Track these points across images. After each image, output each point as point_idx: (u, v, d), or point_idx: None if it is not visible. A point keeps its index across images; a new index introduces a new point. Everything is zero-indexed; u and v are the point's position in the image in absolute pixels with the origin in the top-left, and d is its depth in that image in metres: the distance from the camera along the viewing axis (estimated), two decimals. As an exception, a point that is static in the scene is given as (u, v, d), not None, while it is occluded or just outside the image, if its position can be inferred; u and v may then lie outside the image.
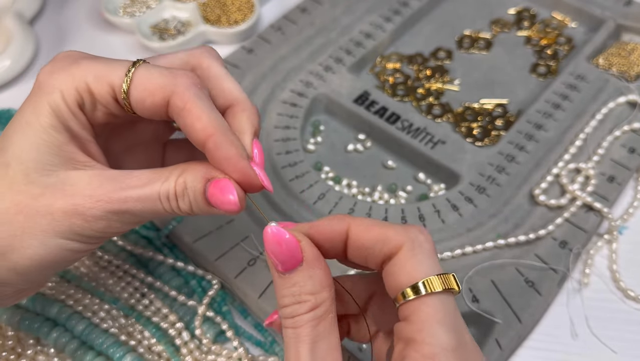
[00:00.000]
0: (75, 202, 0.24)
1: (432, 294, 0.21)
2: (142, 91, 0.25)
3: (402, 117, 0.43)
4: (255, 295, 0.34)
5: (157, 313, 0.34)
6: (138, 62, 0.25)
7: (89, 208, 0.24)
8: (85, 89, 0.25)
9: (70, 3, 0.55)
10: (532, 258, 0.35)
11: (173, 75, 0.25)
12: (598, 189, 0.38)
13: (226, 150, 0.24)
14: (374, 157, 0.43)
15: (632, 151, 0.40)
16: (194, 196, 0.25)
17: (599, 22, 0.49)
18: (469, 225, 0.37)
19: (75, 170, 0.25)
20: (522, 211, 0.38)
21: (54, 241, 0.25)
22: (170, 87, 0.24)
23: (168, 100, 0.24)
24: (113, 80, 0.25)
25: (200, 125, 0.24)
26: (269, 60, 0.47)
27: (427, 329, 0.21)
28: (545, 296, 0.34)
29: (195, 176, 0.25)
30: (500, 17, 0.52)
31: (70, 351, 0.33)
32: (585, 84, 0.44)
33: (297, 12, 0.50)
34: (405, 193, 0.40)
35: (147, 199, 0.25)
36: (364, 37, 0.48)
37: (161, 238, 0.37)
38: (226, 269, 0.35)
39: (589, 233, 0.37)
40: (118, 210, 0.25)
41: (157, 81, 0.24)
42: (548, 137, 0.41)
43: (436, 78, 0.47)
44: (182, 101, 0.24)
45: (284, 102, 0.44)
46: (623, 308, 0.35)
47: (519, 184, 0.39)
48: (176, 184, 0.25)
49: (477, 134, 0.43)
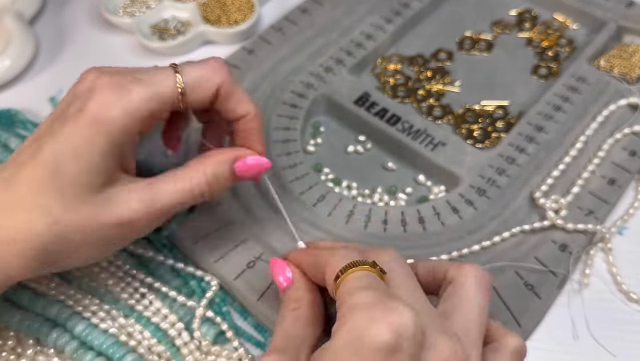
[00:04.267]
0: (123, 216, 0.28)
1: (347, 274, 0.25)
2: (197, 93, 0.30)
3: (403, 118, 0.43)
4: (254, 298, 0.34)
5: (157, 313, 0.34)
6: (175, 67, 0.30)
7: (137, 219, 0.28)
8: (146, 115, 0.28)
9: (70, 3, 0.55)
10: (532, 261, 0.35)
11: (214, 67, 0.30)
12: (598, 192, 0.38)
13: (257, 124, 0.32)
14: (374, 159, 0.43)
15: (633, 154, 0.40)
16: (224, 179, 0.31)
17: (601, 24, 0.49)
18: (469, 228, 0.37)
19: (114, 186, 0.28)
20: (522, 214, 0.37)
21: (105, 247, 0.30)
22: (217, 80, 0.30)
23: (217, 90, 0.30)
24: (166, 95, 0.29)
25: (243, 105, 0.32)
26: (269, 61, 0.46)
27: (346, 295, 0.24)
28: (545, 300, 0.34)
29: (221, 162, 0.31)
30: (501, 18, 0.52)
31: (70, 351, 0.32)
32: (586, 86, 0.44)
33: (298, 13, 0.50)
34: (405, 195, 0.40)
35: (182, 198, 0.30)
36: (364, 38, 0.48)
37: (161, 239, 0.37)
38: (225, 271, 0.35)
39: (589, 236, 0.36)
40: (159, 215, 0.29)
41: (206, 80, 0.30)
42: (549, 139, 0.41)
43: (437, 79, 0.47)
44: (230, 88, 0.31)
45: (284, 104, 0.43)
46: (623, 309, 0.35)
47: (520, 186, 0.39)
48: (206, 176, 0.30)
49: (477, 136, 0.43)
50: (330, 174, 0.41)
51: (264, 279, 0.34)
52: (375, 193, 0.40)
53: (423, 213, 0.38)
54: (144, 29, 0.50)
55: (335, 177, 0.41)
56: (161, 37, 0.50)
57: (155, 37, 0.50)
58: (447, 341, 0.23)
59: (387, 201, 0.40)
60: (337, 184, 0.41)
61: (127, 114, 0.27)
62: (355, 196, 0.40)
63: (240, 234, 0.36)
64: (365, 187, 0.41)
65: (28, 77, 0.49)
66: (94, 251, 0.29)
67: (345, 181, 0.41)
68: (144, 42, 0.49)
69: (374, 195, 0.40)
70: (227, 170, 0.31)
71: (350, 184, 0.41)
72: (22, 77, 0.49)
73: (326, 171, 0.41)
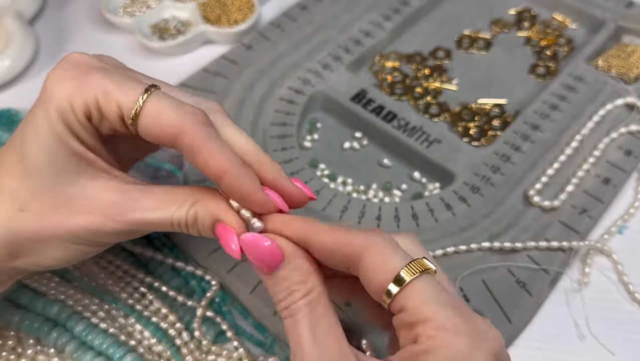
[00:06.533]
0: (90, 219, 0.26)
1: (415, 279, 0.22)
2: (150, 120, 0.24)
3: (399, 115, 0.43)
4: (247, 290, 0.34)
5: (156, 313, 0.34)
6: (150, 89, 0.25)
7: (103, 224, 0.26)
8: (94, 104, 0.25)
9: (70, 3, 0.55)
10: (524, 258, 0.35)
11: (184, 112, 0.24)
12: (592, 191, 0.38)
13: (243, 184, 0.25)
14: (369, 155, 0.43)
15: (629, 153, 0.40)
16: (202, 228, 0.26)
17: (600, 24, 0.49)
18: (462, 225, 0.37)
19: (92, 180, 0.26)
20: (515, 211, 0.38)
21: (72, 246, 0.27)
22: (179, 124, 0.24)
23: (176, 136, 0.24)
24: (123, 102, 0.25)
25: (214, 163, 0.24)
26: (267, 57, 0.47)
27: (428, 309, 0.22)
28: (536, 297, 0.34)
29: (206, 210, 0.26)
30: (500, 17, 0.52)
31: (70, 351, 0.32)
32: (583, 86, 0.44)
33: (297, 10, 0.51)
34: (400, 191, 0.40)
35: (159, 223, 0.26)
36: (363, 36, 0.48)
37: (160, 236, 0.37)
38: (219, 264, 0.35)
39: (581, 235, 0.37)
40: (129, 230, 0.26)
41: (167, 116, 0.24)
42: (544, 138, 0.41)
43: (434, 77, 0.47)
44: (191, 139, 0.24)
45: (281, 99, 0.44)
46: (624, 309, 0.35)
47: (514, 184, 0.39)
48: (188, 215, 0.26)
49: (473, 134, 0.43)
50: (326, 170, 0.41)
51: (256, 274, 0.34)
52: (370, 189, 0.41)
53: (416, 209, 0.38)
54: (144, 29, 0.50)
55: (331, 173, 0.41)
56: (161, 37, 0.50)
57: (156, 37, 0.51)
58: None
59: (382, 198, 0.40)
60: (333, 180, 0.41)
61: (78, 94, 0.25)
62: (350, 192, 0.40)
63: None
64: (360, 183, 0.41)
65: (28, 77, 0.49)
66: (62, 251, 0.27)
67: (340, 177, 0.41)
68: (144, 42, 0.49)
69: (369, 191, 0.40)
70: (209, 223, 0.26)
71: (346, 180, 0.41)
72: (22, 77, 0.49)
73: (322, 166, 0.42)
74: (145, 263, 0.36)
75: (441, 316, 0.21)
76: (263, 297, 0.34)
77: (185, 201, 0.26)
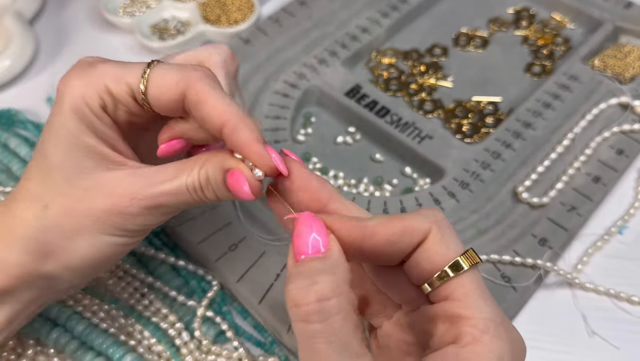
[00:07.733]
0: (113, 202, 0.27)
1: (470, 269, 0.22)
2: (158, 88, 0.26)
3: (392, 111, 0.43)
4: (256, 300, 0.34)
5: (157, 313, 0.35)
6: (153, 62, 0.27)
7: (126, 206, 0.27)
8: (105, 91, 0.26)
9: (70, 3, 0.56)
10: (511, 253, 0.35)
11: (186, 69, 0.26)
12: (582, 189, 0.38)
13: (242, 134, 0.25)
14: (362, 150, 0.43)
15: (620, 153, 0.40)
16: (216, 185, 0.26)
17: (598, 24, 0.49)
18: (450, 219, 0.37)
19: (109, 171, 0.27)
20: (504, 208, 0.38)
21: (100, 238, 0.27)
22: (184, 81, 0.25)
23: (184, 94, 0.25)
24: (130, 80, 0.26)
25: (216, 112, 0.25)
26: (264, 51, 0.47)
27: (474, 304, 0.22)
28: (521, 293, 0.34)
29: (214, 166, 0.26)
30: (499, 16, 0.52)
31: (70, 351, 0.33)
32: (578, 85, 0.44)
33: (296, 5, 0.51)
34: (391, 186, 0.41)
35: (176, 193, 0.27)
36: (360, 32, 0.49)
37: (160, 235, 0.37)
38: (227, 271, 0.35)
39: (569, 232, 0.37)
40: (152, 205, 0.27)
41: (171, 77, 0.26)
42: (536, 135, 0.41)
43: (430, 74, 0.47)
44: (196, 93, 0.25)
45: (276, 93, 0.44)
46: (623, 309, 0.35)
47: (503, 181, 0.39)
48: (199, 176, 0.26)
49: (466, 130, 0.43)
50: (318, 164, 0.42)
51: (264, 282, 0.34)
52: (361, 183, 0.41)
53: (405, 204, 0.38)
54: (144, 29, 0.51)
55: (323, 167, 0.42)
56: (161, 37, 0.51)
57: (155, 37, 0.51)
58: None
59: (372, 192, 0.40)
60: (324, 174, 0.41)
61: (88, 86, 0.26)
62: (341, 185, 0.41)
63: (238, 234, 0.36)
64: (352, 177, 0.41)
65: (28, 77, 0.49)
66: (92, 247, 0.27)
67: (332, 170, 0.41)
68: (144, 42, 0.49)
69: (360, 185, 0.41)
70: (220, 177, 0.26)
71: (337, 173, 0.41)
72: (22, 77, 0.49)
73: (314, 160, 0.42)
74: (145, 263, 0.37)
75: (485, 314, 0.21)
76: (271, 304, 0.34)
77: (195, 165, 0.27)
